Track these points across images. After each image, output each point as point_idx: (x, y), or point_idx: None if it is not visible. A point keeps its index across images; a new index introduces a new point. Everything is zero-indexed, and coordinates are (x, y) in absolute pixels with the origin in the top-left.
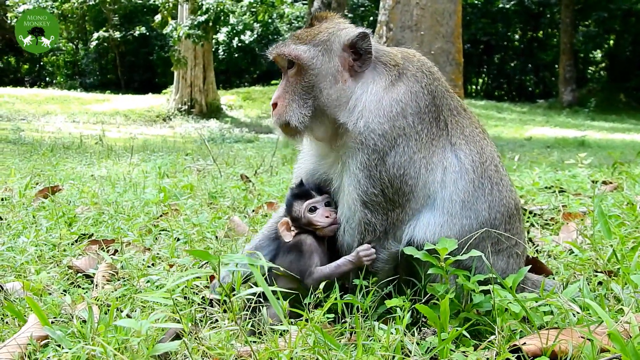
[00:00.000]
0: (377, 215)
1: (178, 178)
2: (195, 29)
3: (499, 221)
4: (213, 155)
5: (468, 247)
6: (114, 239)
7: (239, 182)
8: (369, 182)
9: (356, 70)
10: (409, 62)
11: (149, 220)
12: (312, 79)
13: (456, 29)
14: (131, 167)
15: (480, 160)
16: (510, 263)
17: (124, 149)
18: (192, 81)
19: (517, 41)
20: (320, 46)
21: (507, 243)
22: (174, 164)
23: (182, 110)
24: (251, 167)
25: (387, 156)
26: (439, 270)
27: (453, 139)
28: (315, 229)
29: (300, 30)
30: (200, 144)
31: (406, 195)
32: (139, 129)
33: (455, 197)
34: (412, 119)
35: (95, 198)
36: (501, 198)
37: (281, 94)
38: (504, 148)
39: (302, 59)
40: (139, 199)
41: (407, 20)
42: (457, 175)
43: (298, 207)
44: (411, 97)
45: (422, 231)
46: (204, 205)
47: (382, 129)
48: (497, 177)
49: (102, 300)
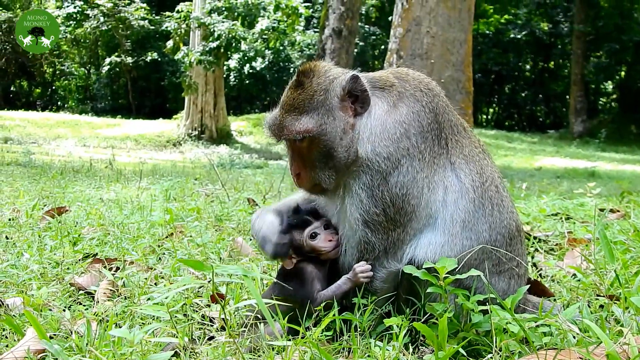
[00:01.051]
0: (377, 234)
1: (186, 202)
2: (207, 55)
3: (499, 242)
4: (222, 180)
5: (468, 267)
6: (116, 258)
7: (246, 206)
8: (371, 202)
9: (359, 112)
10: (404, 82)
11: (154, 242)
12: (326, 144)
13: (466, 57)
14: (140, 190)
15: (481, 180)
16: (512, 284)
17: (134, 173)
18: (203, 107)
19: (528, 71)
20: (321, 108)
21: (509, 264)
22: (183, 188)
23: (193, 136)
24: (260, 192)
25: (390, 176)
26: (438, 289)
27: (453, 158)
28: (319, 255)
29: (292, 95)
30: (210, 169)
31: (408, 214)
32: (149, 154)
33: (456, 217)
34: (416, 139)
35: (102, 219)
36: (502, 219)
37: (300, 164)
38: (514, 178)
39: (313, 131)
40: (145, 220)
41: (417, 48)
42: (457, 195)
43: (298, 237)
44: (413, 117)
45: (423, 251)
46: (209, 228)
47: (387, 152)
48: (498, 197)
49: (101, 315)
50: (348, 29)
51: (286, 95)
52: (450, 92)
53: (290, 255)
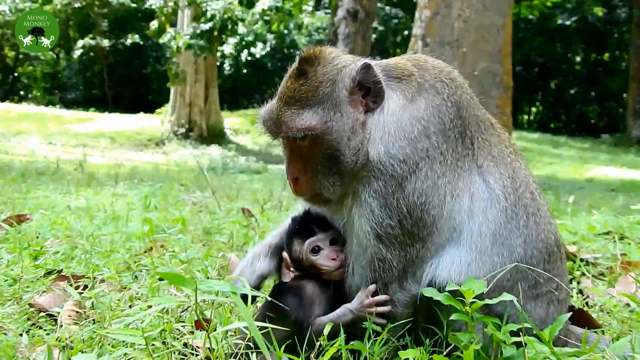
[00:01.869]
0: (393, 250)
1: (169, 211)
2: (198, 39)
3: (536, 259)
4: (212, 187)
5: (500, 289)
6: (85, 275)
7: (240, 218)
8: (384, 212)
9: (371, 108)
10: (423, 71)
11: (130, 257)
12: (330, 145)
13: (505, 46)
14: (115, 197)
15: (513, 185)
16: (550, 311)
17: (108, 177)
18: (192, 100)
19: (579, 64)
20: (327, 102)
21: (547, 286)
22: (166, 195)
23: (179, 134)
24: (257, 202)
25: (407, 182)
26: (463, 316)
27: (480, 160)
28: (320, 272)
29: (292, 86)
30: (198, 174)
31: (428, 227)
32: (127, 155)
33: (485, 230)
34: (436, 138)
35: (69, 230)
36: (539, 231)
37: (299, 167)
38: (560, 190)
39: (316, 129)
40: (120, 232)
41: (447, 34)
42: (486, 203)
43: (298, 247)
44: (433, 113)
45: (445, 270)
46: (196, 242)
47: (403, 154)
48: (534, 206)
49: (65, 341)
50: (365, 11)
51: (285, 86)
52: (485, 87)
53: (289, 265)
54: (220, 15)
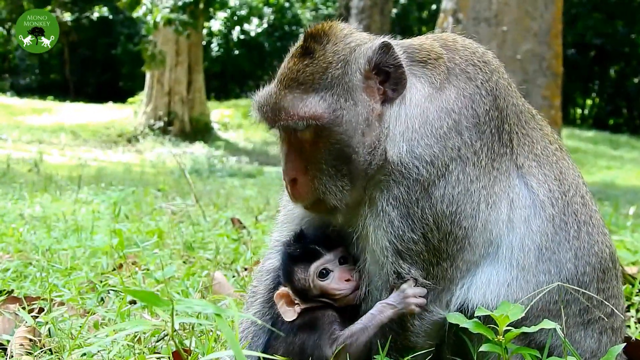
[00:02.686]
0: (414, 269)
1: (143, 222)
2: (179, 13)
3: (589, 277)
4: (196, 193)
5: (543, 314)
6: (40, 297)
7: (229, 230)
8: (405, 224)
9: (390, 97)
10: (452, 52)
11: (95, 276)
12: (340, 138)
13: (554, 25)
14: (77, 205)
15: (561, 189)
16: (603, 342)
17: (69, 179)
18: (172, 87)
19: None
20: (337, 86)
21: (600, 311)
22: (139, 202)
23: (156, 129)
24: (250, 211)
25: (434, 187)
26: (496, 347)
27: (520, 160)
28: (334, 299)
29: (296, 67)
30: (179, 177)
31: (459, 242)
32: (92, 153)
33: (528, 243)
34: (469, 135)
35: (22, 244)
36: (592, 243)
37: (299, 166)
38: (619, 199)
39: (322, 118)
40: (83, 246)
41: (483, 9)
42: (529, 212)
43: (302, 275)
44: (465, 104)
45: (480, 292)
46: (175, 258)
47: (431, 154)
48: (586, 213)
49: None
50: None
51: (287, 67)
52: (529, 73)
53: (291, 300)
54: None
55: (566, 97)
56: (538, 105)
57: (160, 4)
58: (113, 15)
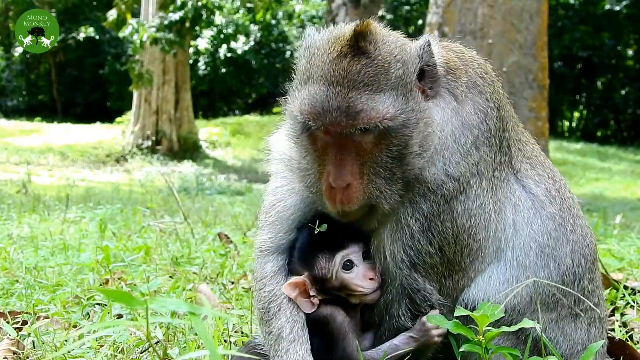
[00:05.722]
0: (429, 282)
1: (132, 239)
2: (166, 32)
3: (582, 269)
4: (184, 211)
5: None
6: (25, 311)
7: (216, 245)
8: (424, 238)
9: (430, 97)
10: (465, 64)
11: (82, 291)
12: (403, 140)
13: (540, 37)
14: (65, 224)
15: (555, 186)
16: (592, 333)
17: (58, 200)
18: (159, 106)
19: (631, 59)
20: (401, 86)
21: (589, 301)
22: (128, 221)
23: (144, 148)
24: (239, 228)
25: (456, 202)
26: (474, 347)
27: (516, 164)
28: (351, 296)
29: (353, 68)
30: (168, 195)
31: (473, 254)
32: (81, 173)
33: (530, 243)
34: (484, 150)
35: (9, 262)
36: (584, 236)
37: (354, 170)
38: (607, 211)
39: (396, 119)
40: (70, 263)
41: (469, 22)
42: (530, 213)
43: (325, 264)
44: (481, 119)
45: (480, 290)
46: (161, 273)
47: (458, 171)
48: (576, 207)
49: None
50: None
51: (341, 67)
52: (515, 85)
53: (307, 290)
54: (193, 2)
55: (554, 109)
56: (525, 117)
57: (146, 23)
58: (100, 35)
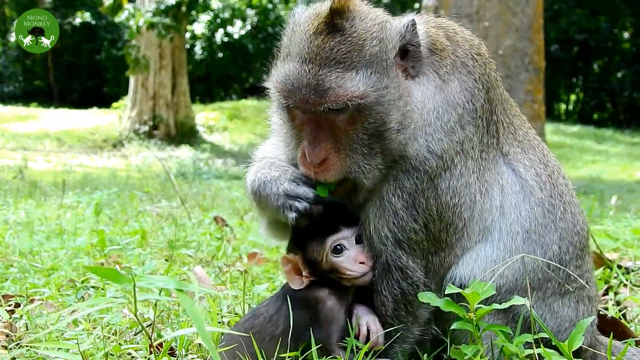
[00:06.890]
0: (414, 258)
1: (129, 224)
2: (162, 16)
3: (570, 255)
4: (181, 196)
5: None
6: (17, 294)
7: (212, 229)
8: (408, 215)
9: (412, 75)
10: (455, 45)
11: (77, 275)
12: (379, 117)
13: (536, 19)
14: (62, 210)
15: (547, 172)
16: (580, 310)
17: (54, 185)
18: (156, 91)
19: (628, 42)
20: (376, 64)
21: (577, 282)
22: (124, 205)
23: (141, 133)
24: (236, 212)
25: (440, 179)
26: (466, 324)
27: (505, 147)
28: (342, 279)
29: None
30: (165, 180)
31: (458, 232)
32: (77, 159)
33: (517, 228)
34: (469, 129)
35: (4, 247)
36: (574, 223)
37: (329, 146)
38: (605, 193)
39: (368, 96)
40: (65, 248)
41: (464, 5)
42: (518, 197)
43: (316, 247)
44: (467, 98)
45: (467, 267)
46: (156, 256)
47: (441, 148)
48: (569, 193)
49: None
50: None
51: (315, 45)
52: (511, 68)
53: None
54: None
55: (550, 92)
56: (521, 99)
57: (142, 8)
58: (96, 21)
